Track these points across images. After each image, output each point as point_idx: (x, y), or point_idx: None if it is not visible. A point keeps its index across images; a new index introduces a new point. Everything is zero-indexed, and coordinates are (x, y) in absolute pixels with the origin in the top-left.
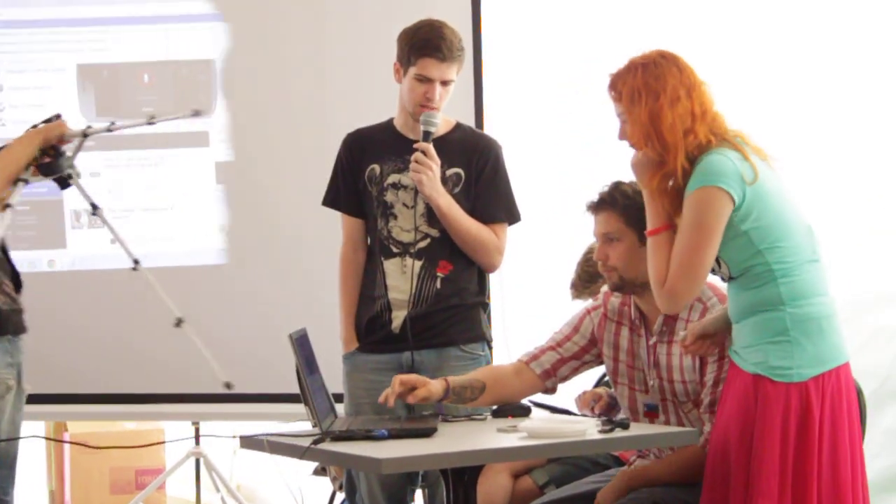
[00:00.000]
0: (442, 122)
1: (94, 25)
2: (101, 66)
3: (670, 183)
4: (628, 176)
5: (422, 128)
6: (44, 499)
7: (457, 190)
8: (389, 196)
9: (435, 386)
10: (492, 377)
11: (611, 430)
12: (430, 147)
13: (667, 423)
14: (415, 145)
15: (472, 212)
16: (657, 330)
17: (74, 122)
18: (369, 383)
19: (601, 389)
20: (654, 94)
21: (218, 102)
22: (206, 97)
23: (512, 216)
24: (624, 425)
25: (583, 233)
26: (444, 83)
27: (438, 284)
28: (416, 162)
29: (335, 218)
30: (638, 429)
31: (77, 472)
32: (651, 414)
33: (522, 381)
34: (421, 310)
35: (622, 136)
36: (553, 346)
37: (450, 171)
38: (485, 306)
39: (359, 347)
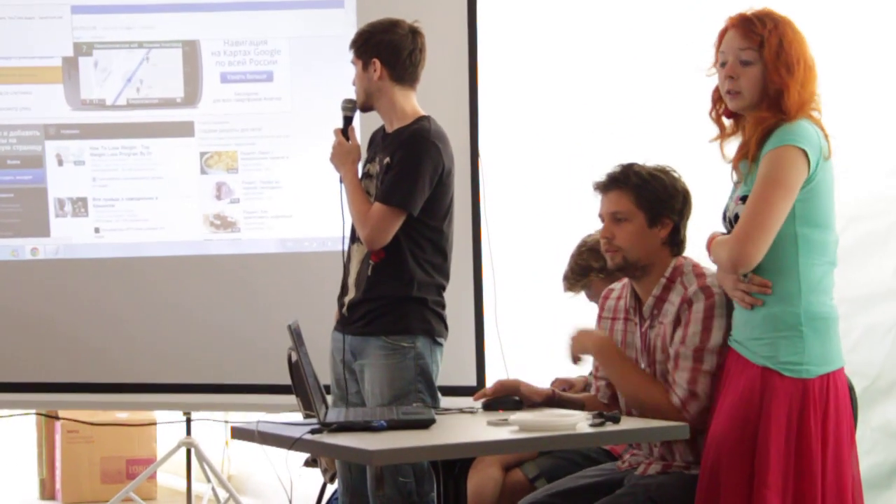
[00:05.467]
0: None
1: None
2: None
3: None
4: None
5: None
6: (34, 488)
7: (383, 176)
8: (364, 184)
9: (536, 393)
10: (588, 403)
11: (601, 424)
12: (338, 131)
13: None
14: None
15: None
16: (647, 312)
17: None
18: (331, 357)
19: (577, 377)
20: (800, 48)
21: (203, 92)
22: (192, 85)
23: (389, 199)
24: (615, 419)
25: (576, 225)
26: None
27: (370, 272)
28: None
29: (325, 207)
30: (628, 423)
31: (68, 461)
32: None
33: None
34: (357, 296)
35: (732, 72)
36: (596, 374)
37: (385, 160)
38: (418, 301)
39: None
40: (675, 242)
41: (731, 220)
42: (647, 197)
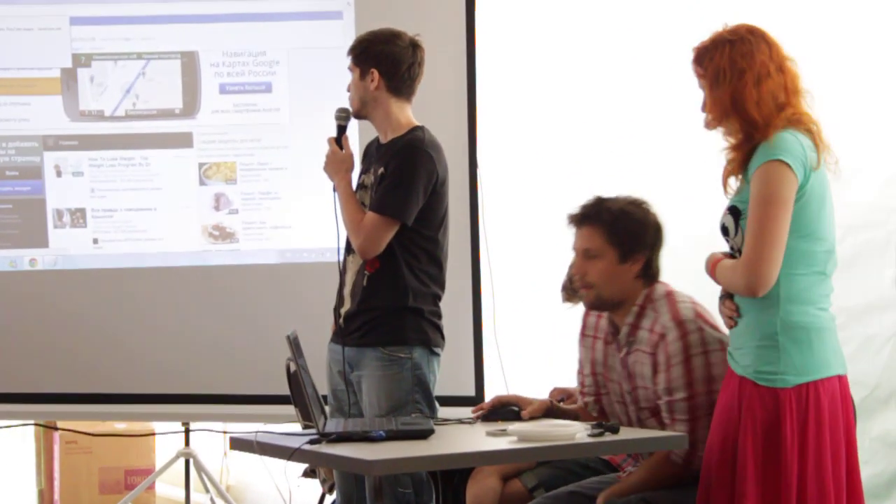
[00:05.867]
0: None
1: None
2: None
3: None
4: (622, 178)
5: None
6: (32, 498)
7: (377, 186)
8: (358, 195)
9: (537, 407)
10: (582, 414)
11: (600, 434)
12: (331, 140)
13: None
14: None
15: None
16: (624, 340)
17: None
18: (328, 368)
19: (575, 387)
20: (738, 73)
21: (202, 103)
22: (191, 96)
23: (382, 208)
24: (613, 429)
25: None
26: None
27: (365, 282)
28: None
29: (324, 218)
30: (627, 433)
31: (66, 471)
32: None
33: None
34: (353, 308)
35: (705, 107)
36: (582, 390)
37: (380, 171)
38: (414, 311)
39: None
40: (648, 275)
41: (721, 229)
42: (619, 233)
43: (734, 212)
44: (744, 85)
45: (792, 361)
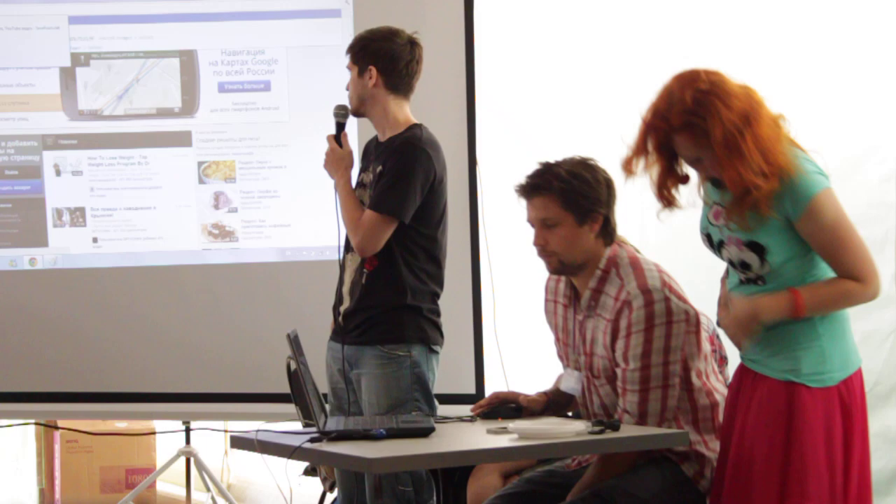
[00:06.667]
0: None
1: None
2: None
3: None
4: (620, 174)
5: None
6: (34, 497)
7: (375, 184)
8: (357, 193)
9: (535, 401)
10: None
11: (601, 432)
12: (331, 137)
13: (589, 401)
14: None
15: None
16: (585, 305)
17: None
18: (327, 366)
19: None
20: (745, 119)
21: (201, 101)
22: (190, 95)
23: (380, 206)
24: (614, 426)
25: None
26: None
27: (363, 280)
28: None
29: (323, 216)
30: (628, 430)
31: (67, 470)
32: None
33: None
34: (352, 306)
35: (713, 172)
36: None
37: (378, 169)
38: (413, 309)
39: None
40: (607, 233)
41: (740, 265)
42: (573, 198)
43: (756, 248)
44: (759, 125)
45: (836, 358)
